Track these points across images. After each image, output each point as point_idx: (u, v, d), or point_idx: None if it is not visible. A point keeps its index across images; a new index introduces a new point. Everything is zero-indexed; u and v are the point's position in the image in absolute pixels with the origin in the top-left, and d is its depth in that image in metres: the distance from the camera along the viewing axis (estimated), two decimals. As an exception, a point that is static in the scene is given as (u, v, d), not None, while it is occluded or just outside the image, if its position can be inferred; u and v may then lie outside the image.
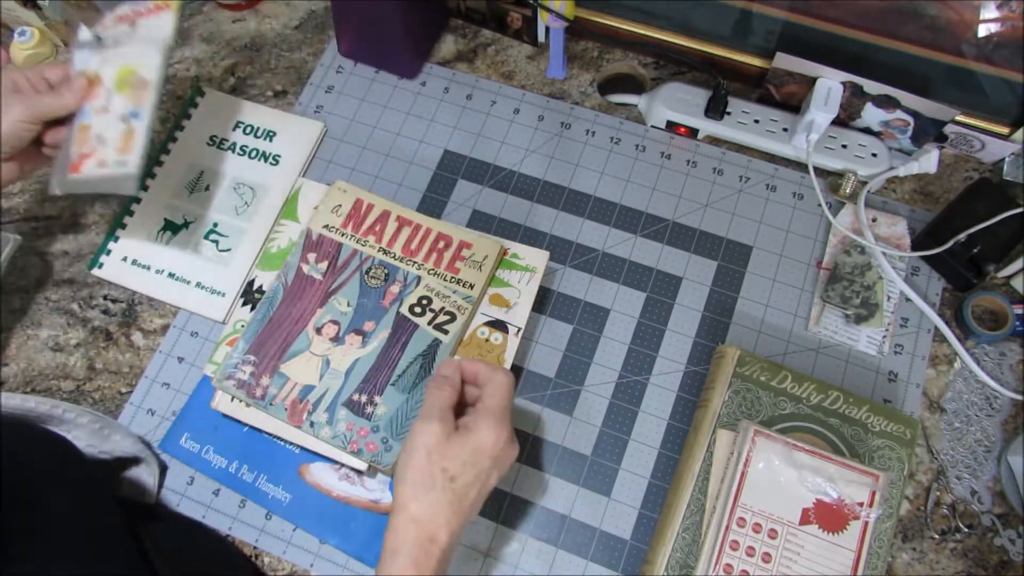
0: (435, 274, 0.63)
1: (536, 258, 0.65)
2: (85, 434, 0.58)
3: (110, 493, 0.52)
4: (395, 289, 0.62)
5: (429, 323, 0.61)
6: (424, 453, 0.47)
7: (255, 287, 0.66)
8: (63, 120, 0.60)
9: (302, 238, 0.64)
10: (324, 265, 0.63)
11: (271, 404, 0.59)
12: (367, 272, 0.63)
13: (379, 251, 0.64)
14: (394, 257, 0.63)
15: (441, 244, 0.64)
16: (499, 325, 0.62)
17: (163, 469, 0.64)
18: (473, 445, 0.47)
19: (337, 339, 0.60)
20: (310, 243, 0.64)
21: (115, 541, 0.50)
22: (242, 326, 0.63)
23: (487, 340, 0.61)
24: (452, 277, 0.62)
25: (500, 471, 0.49)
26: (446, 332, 0.61)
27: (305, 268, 0.63)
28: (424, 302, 0.61)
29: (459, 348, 0.61)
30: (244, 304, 0.66)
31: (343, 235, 0.64)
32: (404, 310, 0.61)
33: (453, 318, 0.61)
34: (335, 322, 0.61)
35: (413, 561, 0.45)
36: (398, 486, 0.47)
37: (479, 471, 0.47)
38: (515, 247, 0.65)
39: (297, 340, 0.60)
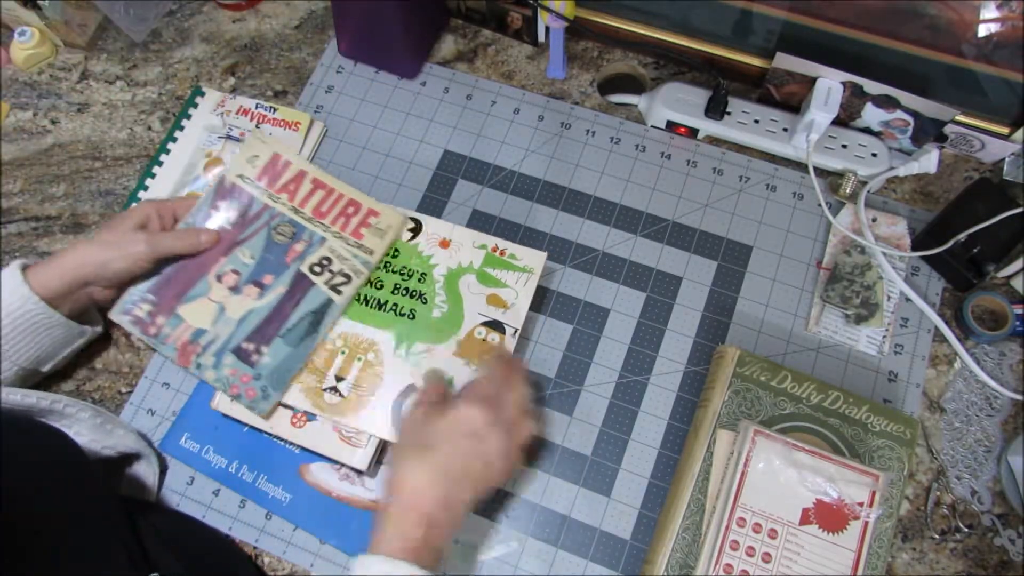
0: (339, 237, 0.64)
1: (533, 259, 0.64)
2: (87, 429, 0.58)
3: (108, 486, 0.52)
4: (299, 247, 0.63)
5: (325, 283, 0.62)
6: (408, 426, 0.52)
7: None
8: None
9: (214, 185, 0.64)
10: (235, 215, 0.64)
11: (163, 343, 0.60)
12: (275, 228, 0.64)
13: (290, 209, 0.64)
14: (303, 217, 0.64)
15: (350, 210, 0.65)
16: (496, 326, 0.62)
17: (163, 466, 0.64)
18: (449, 417, 0.51)
19: (235, 288, 0.62)
20: (223, 190, 0.64)
21: (113, 534, 0.50)
22: None
23: (484, 340, 0.61)
24: (355, 242, 0.64)
25: (486, 454, 0.50)
26: (339, 293, 0.62)
27: (215, 215, 0.64)
28: (324, 262, 0.63)
29: (459, 346, 0.61)
30: None
31: (256, 188, 0.65)
32: (304, 268, 0.63)
33: (348, 280, 0.62)
34: (236, 272, 0.62)
35: (396, 527, 0.47)
36: (396, 463, 0.51)
37: (457, 443, 0.50)
38: (512, 247, 0.65)
39: (197, 285, 0.61)
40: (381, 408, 0.59)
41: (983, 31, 0.61)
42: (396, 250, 0.65)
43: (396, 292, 0.63)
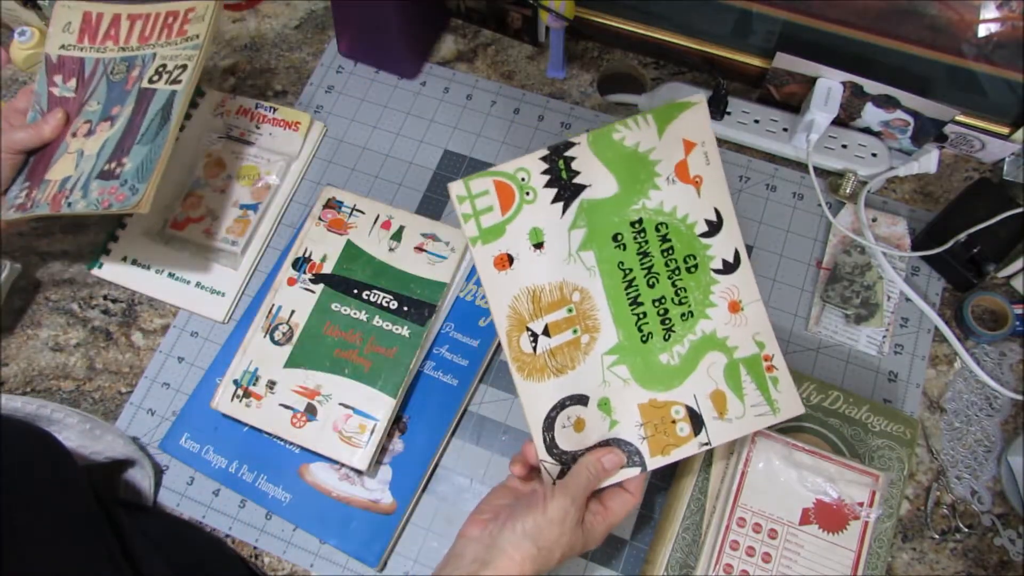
0: (168, 44, 0.66)
1: (790, 402, 0.52)
2: (75, 435, 0.58)
3: (90, 488, 0.51)
4: (135, 73, 0.66)
5: (166, 83, 0.64)
6: (559, 531, 0.47)
7: (572, 156, 0.51)
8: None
9: (43, 65, 0.67)
10: (73, 82, 0.67)
11: (37, 206, 0.61)
12: (111, 73, 0.67)
13: (119, 51, 0.67)
14: (132, 49, 0.67)
15: (170, 20, 0.67)
16: (696, 420, 0.51)
17: (159, 471, 0.64)
18: (584, 545, 0.49)
19: (89, 133, 0.64)
20: (52, 67, 0.68)
21: (91, 537, 0.49)
22: (525, 176, 0.50)
23: (674, 423, 0.51)
24: (181, 39, 0.66)
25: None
26: (180, 82, 0.64)
27: (56, 92, 0.67)
28: (160, 69, 0.65)
29: (651, 405, 0.51)
30: (544, 161, 0.51)
31: (82, 50, 0.68)
32: (144, 84, 0.65)
33: (185, 68, 0.64)
34: (87, 121, 0.65)
35: None
36: (522, 542, 0.46)
37: (562, 560, 0.48)
38: (782, 371, 0.52)
39: (58, 151, 0.64)
40: (548, 395, 0.50)
41: (983, 31, 0.60)
42: (695, 265, 0.52)
43: (657, 305, 0.51)
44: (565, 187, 0.49)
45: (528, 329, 0.49)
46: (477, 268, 0.49)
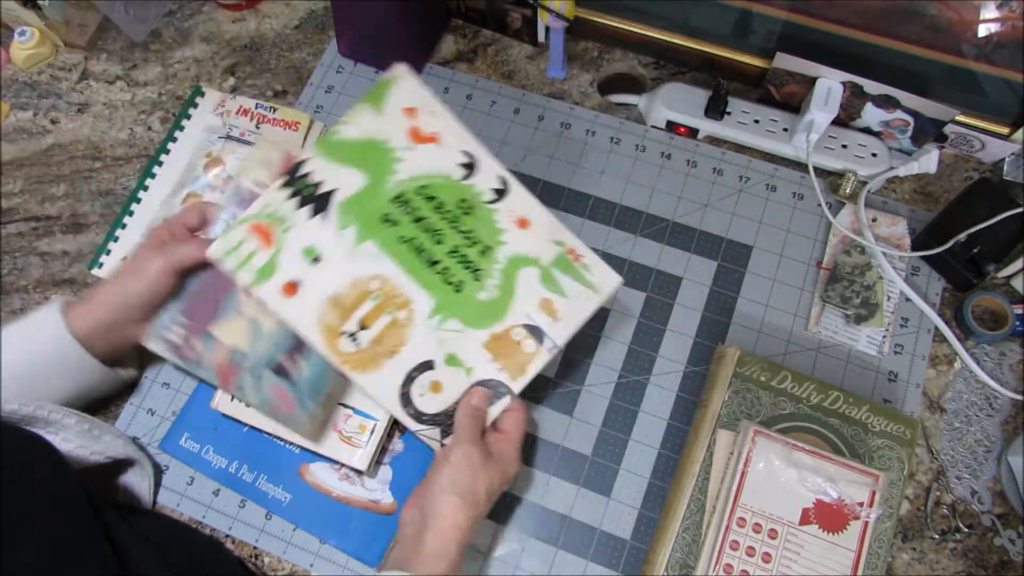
0: None
1: (606, 280, 0.57)
2: (74, 435, 0.57)
3: (83, 492, 0.51)
4: None
5: None
6: (470, 473, 0.51)
7: (302, 171, 0.53)
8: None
9: (233, 193, 0.58)
10: None
11: (201, 367, 0.56)
12: None
13: None
14: None
15: None
16: (537, 333, 0.55)
17: (159, 471, 0.64)
18: (503, 472, 0.53)
19: None
20: (242, 200, 0.57)
21: (81, 539, 0.48)
22: (272, 212, 0.52)
23: (519, 344, 0.55)
24: None
25: (508, 482, 0.55)
26: None
27: None
28: None
29: (492, 339, 0.55)
30: (285, 188, 0.53)
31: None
32: None
33: None
34: None
35: (452, 563, 0.50)
36: (444, 497, 0.51)
37: (499, 494, 0.54)
38: (591, 258, 0.57)
39: (226, 299, 0.56)
40: (392, 376, 0.53)
41: (983, 31, 0.61)
42: (469, 206, 0.55)
43: (453, 256, 0.54)
44: (314, 199, 0.51)
45: (342, 332, 0.52)
46: (268, 306, 0.50)
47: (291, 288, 0.50)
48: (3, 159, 0.78)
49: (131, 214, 0.73)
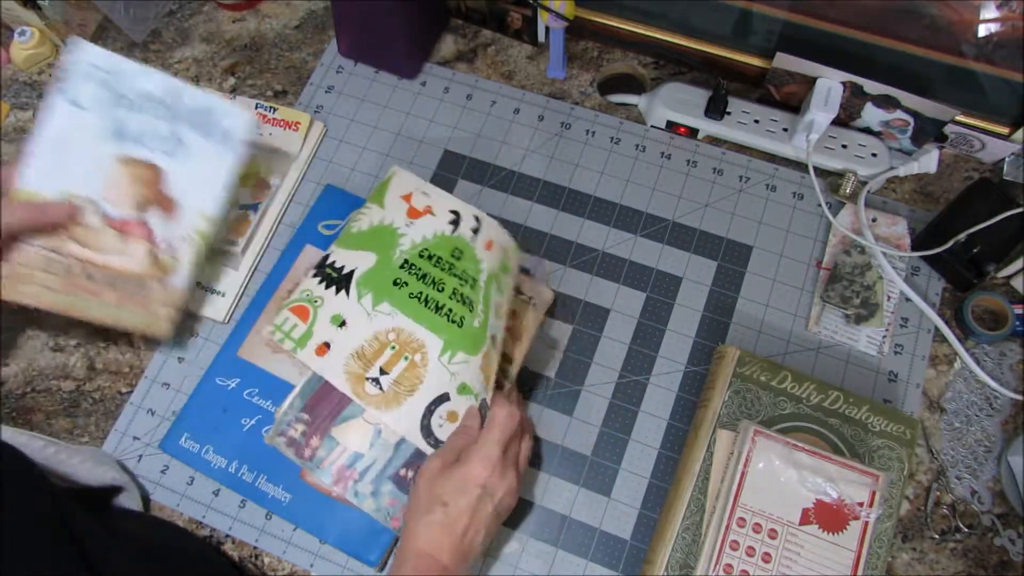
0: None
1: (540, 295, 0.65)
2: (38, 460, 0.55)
3: (47, 499, 0.49)
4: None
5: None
6: (424, 482, 0.52)
7: (331, 262, 0.60)
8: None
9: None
10: None
11: (319, 467, 0.58)
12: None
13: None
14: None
15: None
16: (494, 340, 0.60)
17: (146, 499, 0.63)
18: (462, 474, 0.52)
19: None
20: None
21: (45, 539, 0.47)
22: (307, 295, 0.59)
23: (489, 355, 0.60)
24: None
25: (496, 503, 0.53)
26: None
27: None
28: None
29: (483, 360, 0.58)
30: (315, 277, 0.60)
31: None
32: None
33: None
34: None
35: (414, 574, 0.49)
36: (405, 515, 0.53)
37: (469, 499, 0.51)
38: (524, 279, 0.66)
39: (351, 405, 0.58)
40: (413, 411, 0.57)
41: (983, 31, 0.61)
42: (459, 251, 0.61)
43: (453, 297, 0.59)
44: (338, 280, 0.59)
45: (367, 378, 0.57)
46: (308, 365, 0.57)
47: (323, 349, 0.58)
48: (3, 159, 0.77)
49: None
